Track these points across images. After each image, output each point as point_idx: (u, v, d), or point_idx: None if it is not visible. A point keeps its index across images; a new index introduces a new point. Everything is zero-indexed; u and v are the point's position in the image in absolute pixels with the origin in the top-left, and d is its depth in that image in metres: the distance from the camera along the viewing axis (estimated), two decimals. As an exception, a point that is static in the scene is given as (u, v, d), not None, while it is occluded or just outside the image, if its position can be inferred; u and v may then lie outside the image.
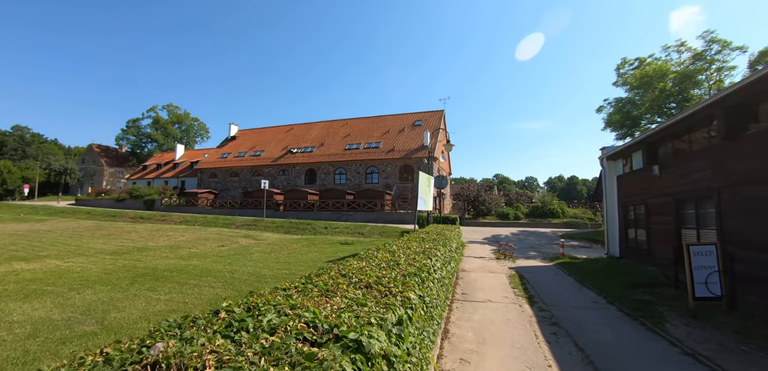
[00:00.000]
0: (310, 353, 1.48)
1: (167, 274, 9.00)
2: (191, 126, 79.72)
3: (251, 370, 1.32)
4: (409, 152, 33.85)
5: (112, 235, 18.03)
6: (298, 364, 1.39)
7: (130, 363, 1.34)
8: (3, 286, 7.53)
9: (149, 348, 1.46)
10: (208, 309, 1.99)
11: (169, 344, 1.48)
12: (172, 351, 1.42)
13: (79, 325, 5.29)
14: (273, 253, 13.33)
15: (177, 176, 50.12)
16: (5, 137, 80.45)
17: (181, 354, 1.41)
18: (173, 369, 1.32)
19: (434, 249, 5.78)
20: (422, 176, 13.76)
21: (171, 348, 1.45)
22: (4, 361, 4.14)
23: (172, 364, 1.34)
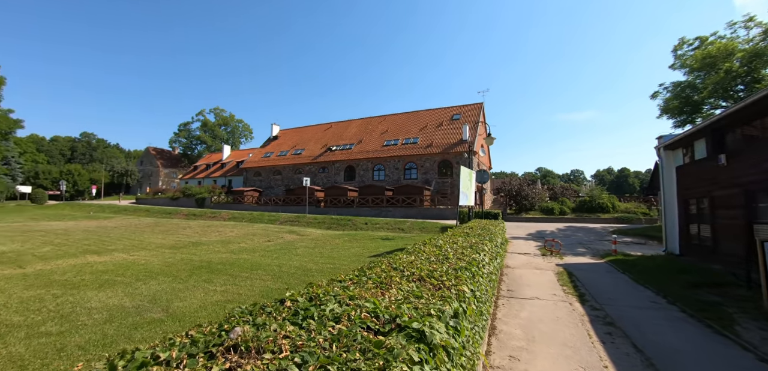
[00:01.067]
0: (378, 341, 1.53)
1: (221, 267, 9.55)
2: (236, 128, 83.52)
3: (324, 355, 1.39)
4: (447, 146, 33.43)
5: (169, 231, 19.36)
6: (368, 351, 1.44)
7: (212, 345, 1.45)
8: (81, 277, 8.33)
9: (228, 332, 1.57)
10: (262, 299, 2.10)
11: (245, 329, 1.59)
12: (249, 336, 1.52)
13: (147, 312, 5.76)
14: (317, 248, 13.71)
15: (224, 175, 52.80)
16: (75, 143, 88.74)
17: (257, 338, 1.51)
18: (252, 351, 1.42)
19: (481, 244, 5.69)
20: (463, 170, 13.55)
21: (247, 332, 1.56)
22: (87, 343, 4.60)
23: (251, 347, 1.44)
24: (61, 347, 4.43)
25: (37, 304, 6.15)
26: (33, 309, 5.91)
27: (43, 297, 6.57)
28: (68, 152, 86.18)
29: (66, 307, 5.98)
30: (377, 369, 1.30)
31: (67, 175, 63.42)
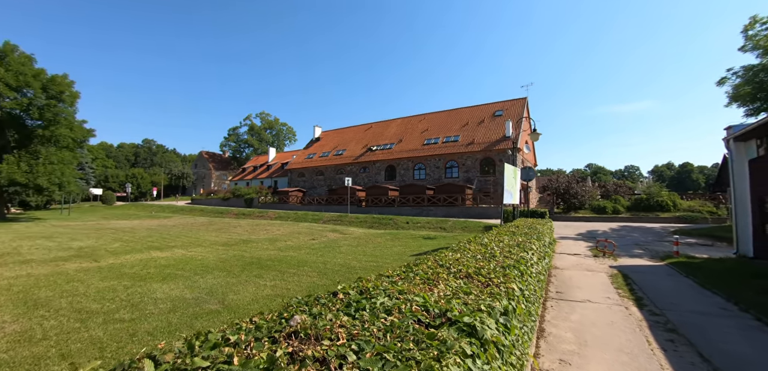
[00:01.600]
0: (431, 333, 1.56)
1: (270, 263, 10.01)
2: (280, 130, 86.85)
3: (379, 344, 1.44)
4: (489, 144, 32.64)
5: (222, 229, 20.54)
6: (421, 342, 1.48)
7: (274, 331, 1.55)
8: (146, 270, 9.09)
9: (288, 320, 1.67)
10: (309, 295, 2.19)
11: (303, 318, 1.68)
12: (307, 324, 1.61)
13: (205, 304, 6.17)
14: (359, 246, 13.95)
15: (270, 177, 55.06)
16: (138, 149, 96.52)
17: (315, 326, 1.59)
18: (311, 338, 1.50)
19: (528, 243, 5.53)
20: (508, 168, 13.17)
21: (305, 321, 1.65)
22: (154, 329, 5.02)
23: (310, 334, 1.52)
24: (133, 332, 4.88)
25: (111, 294, 6.79)
26: (108, 298, 6.54)
27: (115, 288, 7.24)
28: (132, 157, 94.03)
29: (135, 297, 6.56)
30: (432, 358, 1.33)
31: (131, 178, 69.28)
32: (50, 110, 31.35)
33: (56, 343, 4.54)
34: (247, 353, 1.27)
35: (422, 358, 1.32)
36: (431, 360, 1.30)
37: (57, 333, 4.86)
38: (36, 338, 4.71)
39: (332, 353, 1.34)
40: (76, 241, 15.01)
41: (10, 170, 28.22)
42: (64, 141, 32.85)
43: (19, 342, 4.57)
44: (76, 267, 9.55)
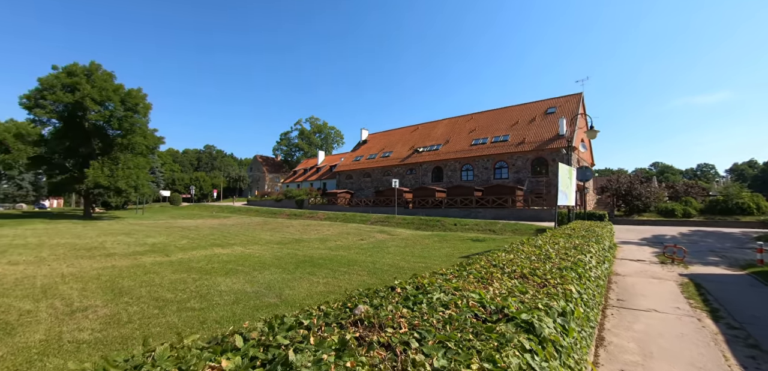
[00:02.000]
0: (489, 326, 1.60)
1: (321, 262, 10.40)
2: (329, 134, 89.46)
3: (440, 334, 1.51)
4: (541, 143, 31.29)
5: (275, 229, 21.61)
6: (480, 334, 1.53)
7: (341, 318, 1.68)
8: (211, 265, 9.84)
9: (352, 309, 1.80)
10: (341, 298, 2.28)
11: (366, 308, 1.79)
12: (370, 313, 1.72)
13: (264, 297, 6.58)
14: (407, 247, 14.03)
15: (319, 179, 56.88)
16: (200, 154, 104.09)
17: (377, 315, 1.70)
18: (375, 326, 1.61)
19: (586, 246, 5.29)
20: (562, 168, 12.57)
21: (368, 311, 1.76)
22: (221, 318, 5.46)
23: (374, 323, 1.63)
24: (203, 320, 5.34)
25: (182, 285, 7.46)
26: (179, 288, 7.19)
27: (185, 280, 7.94)
28: (195, 161, 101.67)
29: (203, 289, 7.15)
30: (492, 349, 1.37)
31: (195, 181, 74.98)
32: (127, 120, 34.91)
33: (139, 326, 5.10)
34: (320, 335, 1.40)
35: (482, 348, 1.37)
36: (491, 350, 1.35)
37: (139, 318, 5.45)
38: (123, 321, 5.32)
39: (396, 340, 1.44)
40: (150, 238, 16.58)
41: (95, 174, 31.79)
42: (138, 148, 36.45)
43: (109, 324, 5.19)
44: (152, 261, 10.57)
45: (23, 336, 4.74)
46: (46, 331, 4.92)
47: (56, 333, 4.86)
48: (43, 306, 6.03)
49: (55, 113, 32.84)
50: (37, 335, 4.79)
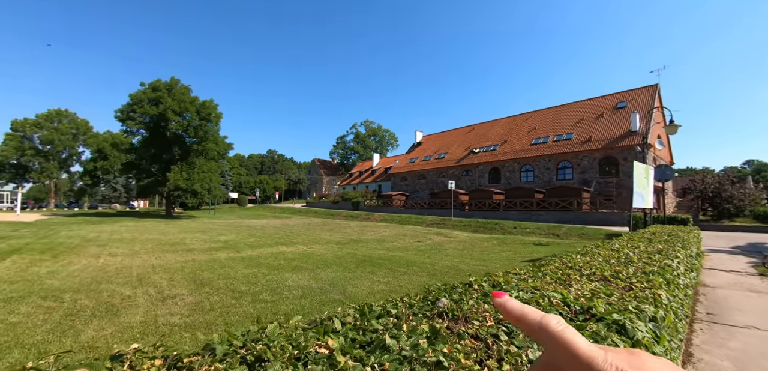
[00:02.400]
0: (580, 324, 1.55)
1: (381, 262, 10.58)
2: (383, 137, 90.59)
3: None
4: (610, 140, 29.01)
5: (334, 229, 22.34)
6: (572, 331, 1.48)
7: (424, 311, 1.72)
8: (278, 261, 10.44)
9: (434, 302, 1.83)
10: (421, 292, 2.27)
11: (448, 301, 1.81)
12: (453, 306, 1.74)
13: (329, 293, 6.85)
14: (466, 250, 13.77)
15: (374, 181, 57.78)
16: (263, 158, 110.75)
17: (460, 309, 1.71)
18: (460, 319, 1.62)
19: (672, 250, 4.83)
20: (638, 166, 11.54)
21: (451, 303, 1.78)
22: (291, 310, 5.78)
23: (458, 316, 1.65)
24: (275, 311, 5.70)
25: (254, 279, 8.01)
26: (252, 282, 7.73)
27: (256, 275, 8.51)
28: (259, 165, 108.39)
29: (272, 283, 7.62)
30: (587, 346, 1.33)
31: (258, 184, 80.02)
32: (202, 129, 38.28)
33: (220, 314, 5.57)
34: (411, 323, 1.46)
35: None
36: (587, 347, 1.30)
37: (220, 306, 5.95)
38: (206, 308, 5.85)
39: (483, 332, 1.44)
40: (222, 235, 17.98)
41: (176, 178, 35.23)
42: (211, 154, 39.77)
43: (195, 311, 5.73)
44: (225, 256, 11.47)
45: (126, 317, 5.40)
46: (144, 314, 5.56)
47: (152, 316, 5.47)
48: (139, 292, 6.82)
49: (142, 124, 37.00)
50: (137, 317, 5.44)
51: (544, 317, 0.38)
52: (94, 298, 6.31)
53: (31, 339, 4.55)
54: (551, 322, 0.37)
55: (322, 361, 1.08)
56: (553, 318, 0.38)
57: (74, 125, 66.33)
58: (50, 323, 5.09)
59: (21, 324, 5.05)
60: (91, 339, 4.56)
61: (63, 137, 63.90)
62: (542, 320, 0.38)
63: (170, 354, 1.12)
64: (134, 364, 1.03)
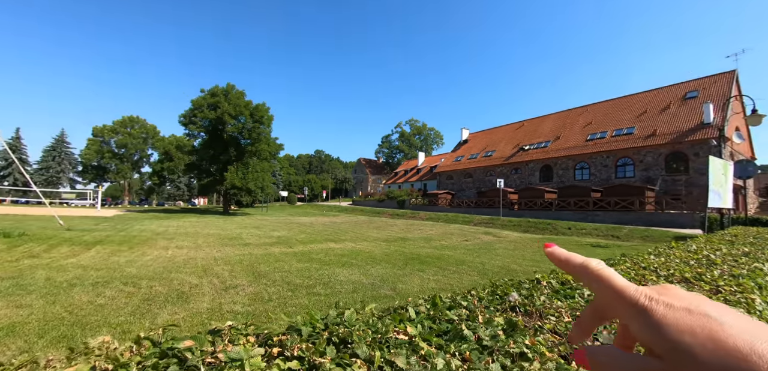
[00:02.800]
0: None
1: (429, 260, 10.52)
2: (428, 135, 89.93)
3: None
4: (678, 134, 26.61)
5: (381, 227, 22.55)
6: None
7: (496, 304, 1.69)
8: (328, 257, 10.74)
9: (502, 296, 1.79)
10: (488, 286, 2.21)
11: (518, 296, 1.77)
12: (525, 302, 1.69)
13: (380, 289, 6.94)
14: (517, 250, 13.30)
15: (420, 180, 57.55)
16: (311, 158, 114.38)
17: (533, 303, 1.66)
18: (534, 314, 1.57)
19: (762, 254, 4.32)
20: (714, 162, 10.45)
21: (521, 299, 1.73)
22: (344, 304, 5.88)
23: (531, 311, 1.60)
24: (329, 304, 5.87)
25: (307, 273, 8.30)
26: (305, 275, 8.02)
27: (309, 269, 8.81)
28: (307, 165, 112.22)
29: (325, 277, 7.85)
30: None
31: (307, 183, 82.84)
32: (255, 131, 40.33)
33: (278, 304, 5.84)
34: (486, 314, 1.44)
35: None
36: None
37: (277, 297, 6.24)
38: (264, 299, 6.16)
39: (561, 327, 1.39)
40: (275, 231, 18.83)
41: (232, 177, 37.45)
42: (263, 154, 41.79)
43: (255, 300, 6.06)
44: (279, 251, 11.99)
45: (195, 304, 5.83)
46: (210, 301, 5.97)
47: (217, 303, 5.86)
48: (205, 281, 7.34)
49: (202, 127, 39.72)
50: (204, 304, 5.85)
51: (586, 259, 0.43)
52: (166, 285, 6.88)
53: (116, 319, 5.07)
54: (592, 263, 0.42)
55: (404, 346, 1.10)
56: (594, 261, 0.42)
57: (144, 130, 72.85)
58: (131, 306, 5.63)
59: (107, 306, 5.63)
60: (165, 322, 4.97)
61: (135, 140, 70.45)
62: (585, 261, 0.42)
63: (261, 332, 1.20)
64: (232, 339, 1.11)
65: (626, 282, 0.38)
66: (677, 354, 0.31)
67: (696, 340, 0.30)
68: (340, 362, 0.98)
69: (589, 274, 0.41)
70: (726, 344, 0.29)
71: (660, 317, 0.33)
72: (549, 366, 1.04)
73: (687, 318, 0.32)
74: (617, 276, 0.39)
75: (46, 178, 66.72)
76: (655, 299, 0.35)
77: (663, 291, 0.36)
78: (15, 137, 65.49)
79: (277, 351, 1.04)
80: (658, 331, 0.33)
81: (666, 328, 0.32)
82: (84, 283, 6.76)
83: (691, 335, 0.30)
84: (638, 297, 0.36)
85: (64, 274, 7.39)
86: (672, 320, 0.32)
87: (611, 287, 0.38)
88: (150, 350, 1.05)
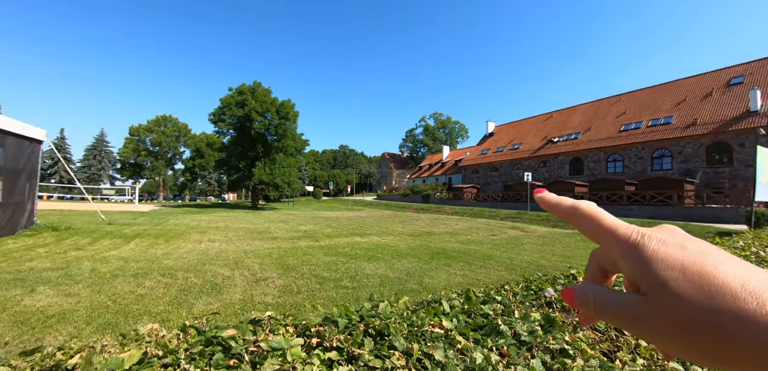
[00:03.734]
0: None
1: (455, 254, 10.43)
2: (453, 129, 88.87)
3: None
4: (721, 123, 25.09)
5: (406, 221, 22.55)
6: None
7: (531, 299, 1.66)
8: (354, 251, 10.84)
9: (537, 292, 1.75)
10: (521, 281, 2.16)
11: (553, 292, 1.73)
12: (559, 297, 1.65)
13: (406, 283, 6.95)
14: (546, 245, 12.98)
15: (444, 174, 57.04)
16: (336, 153, 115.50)
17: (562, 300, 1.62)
18: (573, 311, 1.53)
19: (818, 250, 4.03)
20: (763, 152, 9.78)
21: (558, 294, 1.69)
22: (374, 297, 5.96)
23: (569, 307, 1.56)
24: (356, 297, 5.94)
25: (334, 267, 8.42)
26: (332, 269, 8.14)
27: (336, 263, 8.93)
28: (332, 160, 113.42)
29: (351, 271, 7.94)
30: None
31: (331, 178, 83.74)
32: (281, 127, 41.11)
33: (307, 297, 5.96)
34: (521, 309, 1.41)
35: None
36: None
37: (306, 290, 6.37)
38: (294, 291, 6.30)
39: (603, 324, 1.35)
40: (302, 225, 19.18)
41: (260, 173, 38.37)
42: (289, 150, 42.56)
43: (284, 293, 6.21)
44: (306, 245, 12.22)
45: (227, 295, 6.04)
46: (242, 292, 6.17)
47: (249, 295, 6.04)
48: (237, 273, 7.58)
49: (231, 124, 40.88)
50: (236, 295, 6.05)
51: (576, 201, 0.41)
52: (200, 277, 7.16)
53: (156, 308, 5.32)
54: (582, 203, 0.40)
55: (440, 339, 1.09)
56: (585, 202, 0.40)
57: (177, 128, 75.79)
58: (169, 296, 5.90)
59: (147, 296, 5.92)
60: (201, 312, 5.18)
61: (168, 138, 73.45)
62: (575, 203, 0.41)
63: (299, 323, 1.22)
64: (272, 329, 1.14)
65: (618, 221, 0.36)
66: (664, 289, 0.29)
67: (684, 275, 0.28)
68: (378, 353, 0.99)
69: (579, 214, 0.39)
70: (715, 279, 0.27)
71: (651, 252, 0.31)
72: (592, 363, 1.01)
73: (679, 253, 0.30)
74: (608, 215, 0.38)
75: (87, 175, 70.72)
76: (648, 235, 0.33)
77: (661, 229, 0.34)
78: (60, 137, 69.67)
79: (316, 342, 1.06)
80: (646, 265, 0.31)
81: (654, 262, 0.30)
82: (125, 274, 7.12)
83: (681, 270, 0.28)
84: (630, 233, 0.34)
85: (107, 265, 7.81)
86: (662, 254, 0.31)
87: (601, 225, 0.37)
88: (195, 338, 1.10)
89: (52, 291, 5.78)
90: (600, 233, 0.37)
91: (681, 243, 0.31)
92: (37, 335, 4.14)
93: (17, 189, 10.94)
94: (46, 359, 1.05)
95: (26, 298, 5.33)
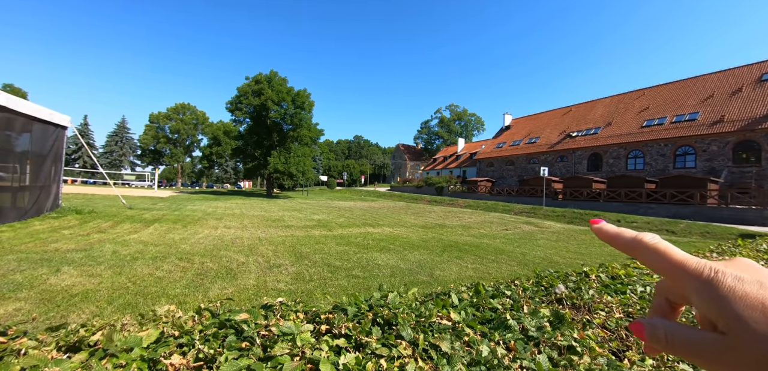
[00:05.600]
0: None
1: (467, 248, 10.40)
2: (469, 121, 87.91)
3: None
4: (750, 121, 24.15)
5: (418, 213, 22.53)
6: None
7: (540, 295, 1.65)
8: (366, 241, 10.92)
9: (548, 288, 1.74)
10: (532, 277, 2.13)
11: (564, 289, 1.71)
12: (572, 295, 1.64)
13: (417, 275, 6.97)
14: (560, 241, 12.81)
15: (459, 167, 56.62)
16: (350, 144, 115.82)
17: (580, 297, 1.60)
18: (581, 307, 1.52)
19: None
20: (792, 152, 9.39)
21: (567, 292, 1.68)
22: (384, 287, 6.01)
23: (578, 304, 1.55)
24: (367, 287, 6.00)
25: (346, 256, 8.50)
26: (344, 258, 8.22)
27: (348, 252, 9.01)
28: (346, 150, 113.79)
29: (363, 261, 8.01)
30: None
31: (346, 168, 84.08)
32: (297, 116, 41.40)
33: (319, 285, 6.05)
34: (531, 305, 1.41)
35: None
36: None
37: (318, 278, 6.46)
38: (306, 278, 6.40)
39: (612, 323, 1.33)
40: (315, 215, 19.38)
41: (275, 161, 38.81)
42: (304, 139, 42.88)
43: (297, 280, 6.31)
44: (319, 234, 12.35)
45: (242, 281, 6.18)
46: (255, 278, 6.30)
47: (262, 281, 6.17)
48: (251, 260, 7.73)
49: (247, 113, 41.36)
50: (250, 281, 6.18)
51: (639, 233, 0.40)
52: (216, 262, 7.34)
53: (173, 291, 5.48)
54: (646, 237, 0.39)
55: (448, 331, 1.10)
56: (648, 235, 0.39)
57: (195, 117, 77.12)
58: (186, 280, 6.07)
59: (165, 278, 6.10)
60: (216, 296, 5.32)
61: (186, 126, 74.84)
62: (638, 235, 0.40)
63: (310, 310, 1.25)
64: (283, 314, 1.18)
65: (686, 254, 0.35)
66: (744, 329, 0.28)
67: (765, 316, 0.28)
68: (385, 342, 1.00)
69: (642, 247, 0.38)
70: None
71: (727, 289, 0.31)
72: (600, 362, 1.00)
73: (758, 291, 0.30)
74: (675, 249, 0.36)
75: (109, 161, 72.82)
76: (721, 271, 0.32)
77: (731, 263, 0.33)
78: (83, 123, 71.74)
79: (325, 328, 1.09)
80: (725, 304, 0.30)
81: (734, 302, 0.30)
82: (145, 257, 7.34)
83: (762, 311, 0.28)
84: (702, 268, 0.33)
85: (128, 248, 8.07)
86: (740, 293, 0.30)
87: (669, 260, 0.35)
88: (210, 320, 1.14)
89: (75, 271, 6.00)
90: (667, 268, 0.36)
91: (760, 281, 0.30)
92: (61, 313, 4.32)
93: (43, 173, 11.34)
94: (70, 335, 1.10)
95: (52, 277, 5.56)
